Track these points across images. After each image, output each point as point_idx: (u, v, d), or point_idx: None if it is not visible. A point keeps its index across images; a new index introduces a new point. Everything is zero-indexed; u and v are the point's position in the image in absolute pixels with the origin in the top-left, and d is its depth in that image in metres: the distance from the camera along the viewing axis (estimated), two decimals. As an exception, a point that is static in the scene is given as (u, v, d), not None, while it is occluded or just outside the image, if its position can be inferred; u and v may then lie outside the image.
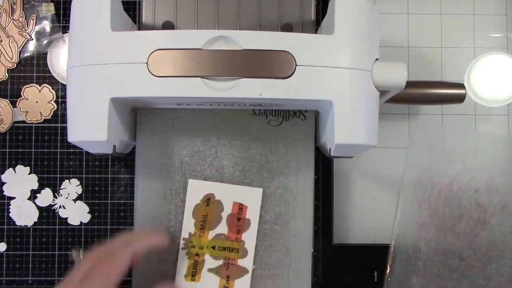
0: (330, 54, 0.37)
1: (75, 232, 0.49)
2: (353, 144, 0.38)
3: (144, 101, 0.41)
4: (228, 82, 0.37)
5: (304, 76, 0.36)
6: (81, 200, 0.49)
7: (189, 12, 0.46)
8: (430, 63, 0.52)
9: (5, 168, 0.49)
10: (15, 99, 0.50)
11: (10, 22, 0.50)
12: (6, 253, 0.49)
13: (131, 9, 0.50)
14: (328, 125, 0.40)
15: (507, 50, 0.52)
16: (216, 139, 0.47)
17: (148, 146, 0.47)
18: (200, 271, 0.44)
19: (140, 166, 0.47)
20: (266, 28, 0.47)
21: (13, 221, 0.49)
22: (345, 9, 0.38)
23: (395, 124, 0.51)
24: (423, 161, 0.43)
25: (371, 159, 0.51)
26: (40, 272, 0.49)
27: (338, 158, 0.50)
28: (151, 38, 0.36)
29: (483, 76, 0.51)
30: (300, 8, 0.47)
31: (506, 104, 0.52)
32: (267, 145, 0.47)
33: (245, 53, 0.36)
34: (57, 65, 0.50)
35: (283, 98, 0.37)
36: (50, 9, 0.50)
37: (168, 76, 0.36)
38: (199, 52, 0.36)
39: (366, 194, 0.51)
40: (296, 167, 0.47)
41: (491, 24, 0.52)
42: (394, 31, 0.52)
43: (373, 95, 0.38)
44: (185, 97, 0.37)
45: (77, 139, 0.38)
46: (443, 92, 0.45)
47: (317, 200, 0.49)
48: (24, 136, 0.49)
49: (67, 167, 0.50)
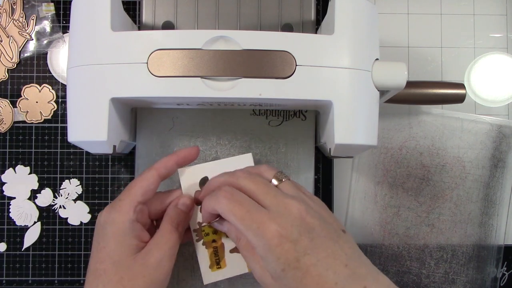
0: (330, 54, 0.37)
1: (75, 232, 0.49)
2: (353, 144, 0.38)
3: (144, 101, 0.41)
4: (228, 82, 0.37)
5: (304, 76, 0.36)
6: (81, 200, 0.49)
7: (189, 12, 0.46)
8: (430, 63, 0.52)
9: (5, 168, 0.49)
10: (15, 99, 0.50)
11: (10, 22, 0.50)
12: (6, 253, 0.49)
13: (131, 9, 0.50)
14: (328, 125, 0.40)
15: (507, 50, 0.52)
16: (216, 139, 0.47)
17: (148, 146, 0.47)
18: (223, 256, 0.42)
19: (140, 166, 0.47)
20: (266, 28, 0.47)
21: (13, 221, 0.49)
22: (345, 9, 0.38)
23: (395, 124, 0.51)
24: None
25: (371, 159, 0.51)
26: (40, 272, 0.49)
27: (338, 158, 0.50)
28: (151, 38, 0.36)
29: (483, 76, 0.51)
30: (300, 8, 0.47)
31: (506, 104, 0.52)
32: (267, 145, 0.47)
33: (245, 53, 0.36)
34: (57, 65, 0.50)
35: (283, 98, 0.37)
36: (50, 9, 0.50)
37: (168, 76, 0.36)
38: (199, 52, 0.36)
39: (366, 194, 0.51)
40: (296, 167, 0.47)
41: (491, 24, 0.52)
42: (394, 31, 0.52)
43: (373, 95, 0.38)
44: (185, 97, 0.37)
45: (77, 139, 0.38)
46: (443, 92, 0.45)
47: (317, 200, 0.49)
48: (24, 136, 0.49)
49: (67, 167, 0.50)
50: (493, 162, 0.51)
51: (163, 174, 0.39)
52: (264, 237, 0.33)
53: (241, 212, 0.34)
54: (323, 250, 0.33)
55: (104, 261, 0.36)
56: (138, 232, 0.37)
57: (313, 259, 0.32)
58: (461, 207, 0.50)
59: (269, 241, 0.33)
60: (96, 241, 0.37)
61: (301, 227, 0.33)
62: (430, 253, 0.50)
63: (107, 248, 0.36)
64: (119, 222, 0.36)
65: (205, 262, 0.42)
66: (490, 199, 0.51)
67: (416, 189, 0.51)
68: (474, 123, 0.51)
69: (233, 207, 0.34)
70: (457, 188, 0.51)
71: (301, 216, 0.34)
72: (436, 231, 0.50)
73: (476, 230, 0.50)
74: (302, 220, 0.34)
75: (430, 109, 0.51)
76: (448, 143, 0.51)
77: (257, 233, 0.33)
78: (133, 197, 0.37)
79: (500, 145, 0.51)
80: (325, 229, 0.34)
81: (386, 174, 0.51)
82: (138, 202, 0.37)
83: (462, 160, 0.51)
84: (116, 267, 0.36)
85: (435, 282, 0.50)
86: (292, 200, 0.34)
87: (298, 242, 0.32)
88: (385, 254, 0.50)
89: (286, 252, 0.32)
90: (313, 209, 0.35)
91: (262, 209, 0.34)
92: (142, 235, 0.38)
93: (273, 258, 0.33)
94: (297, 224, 0.33)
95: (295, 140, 0.47)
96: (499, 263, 0.50)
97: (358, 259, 0.34)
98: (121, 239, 0.36)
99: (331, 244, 0.33)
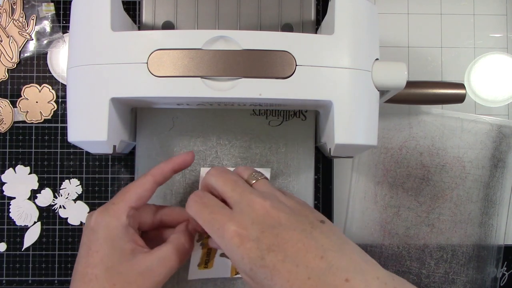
0: (330, 54, 0.37)
1: (75, 232, 0.49)
2: (353, 144, 0.38)
3: (144, 101, 0.41)
4: (228, 82, 0.37)
5: (304, 76, 0.36)
6: (81, 200, 0.49)
7: (189, 12, 0.46)
8: (430, 63, 0.52)
9: (5, 168, 0.49)
10: (15, 99, 0.50)
11: (10, 22, 0.50)
12: (6, 253, 0.49)
13: (131, 9, 0.50)
14: (328, 125, 0.40)
15: (507, 50, 0.52)
16: (216, 139, 0.47)
17: (148, 146, 0.47)
18: (213, 258, 0.44)
19: (140, 166, 0.47)
20: (266, 28, 0.47)
21: (13, 221, 0.49)
22: (345, 9, 0.38)
23: (395, 124, 0.51)
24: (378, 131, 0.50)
25: (371, 159, 0.51)
26: (40, 272, 0.49)
27: (338, 158, 0.50)
28: (151, 38, 0.36)
29: (483, 76, 0.51)
30: (300, 8, 0.47)
31: (506, 104, 0.52)
32: (267, 145, 0.47)
33: (245, 53, 0.36)
34: (57, 65, 0.50)
35: (283, 98, 0.37)
36: (50, 9, 0.50)
37: (168, 76, 0.36)
38: (199, 52, 0.36)
39: (366, 194, 0.51)
40: (296, 167, 0.47)
41: (491, 24, 0.52)
42: (394, 31, 0.52)
43: (373, 95, 0.38)
44: (185, 97, 0.37)
45: (77, 139, 0.38)
46: (443, 92, 0.45)
47: (317, 200, 0.49)
48: (24, 136, 0.49)
49: (67, 167, 0.50)
50: (493, 162, 0.51)
51: (160, 180, 0.39)
52: (225, 238, 0.32)
53: (205, 214, 0.34)
54: (292, 244, 0.31)
55: (96, 266, 0.35)
56: (132, 236, 0.36)
57: (279, 256, 0.30)
58: (461, 207, 0.50)
59: (230, 241, 0.32)
60: (86, 245, 0.36)
61: (263, 224, 0.32)
62: (430, 253, 0.50)
63: (100, 253, 0.35)
64: (112, 227, 0.35)
65: (195, 260, 0.43)
66: (490, 199, 0.51)
67: (416, 189, 0.50)
68: (474, 123, 0.51)
69: (199, 210, 0.34)
70: (457, 188, 0.51)
71: (265, 212, 0.32)
72: (436, 231, 0.50)
73: (476, 230, 0.50)
74: (266, 215, 0.32)
75: (430, 109, 0.51)
76: (448, 143, 0.51)
77: (219, 234, 0.32)
78: (127, 202, 0.37)
79: (500, 145, 0.51)
80: (295, 221, 0.32)
81: (386, 174, 0.51)
82: (132, 207, 0.37)
83: (462, 160, 0.51)
84: (110, 273, 0.34)
85: (435, 282, 0.50)
86: (257, 197, 0.33)
87: (260, 240, 0.31)
88: (385, 254, 0.50)
89: (248, 251, 0.31)
90: (282, 203, 0.34)
91: (225, 209, 0.34)
92: (137, 239, 0.37)
93: (238, 258, 0.32)
94: (259, 221, 0.32)
95: (295, 140, 0.47)
96: (499, 263, 0.50)
97: (339, 251, 0.31)
98: (115, 244, 0.35)
99: (303, 237, 0.31)
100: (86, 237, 0.36)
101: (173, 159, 0.40)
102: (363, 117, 0.38)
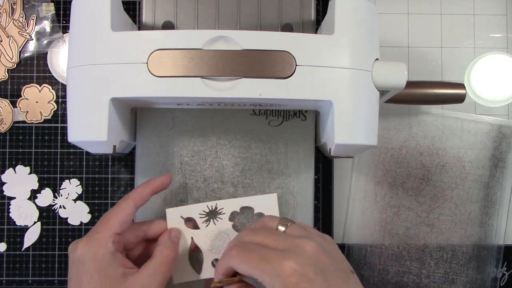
0: (330, 54, 0.37)
1: (75, 232, 0.49)
2: (353, 144, 0.38)
3: (144, 101, 0.41)
4: (228, 82, 0.37)
5: (304, 76, 0.36)
6: (81, 200, 0.49)
7: (189, 12, 0.46)
8: (430, 63, 0.52)
9: (5, 168, 0.49)
10: (15, 99, 0.50)
11: (10, 22, 0.50)
12: (6, 253, 0.49)
13: (131, 9, 0.50)
14: (328, 125, 0.40)
15: (507, 50, 0.52)
16: (216, 139, 0.47)
17: (148, 146, 0.47)
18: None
19: (140, 166, 0.47)
20: (266, 28, 0.47)
21: (13, 221, 0.49)
22: (345, 9, 0.38)
23: (395, 124, 0.51)
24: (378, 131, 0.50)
25: (371, 159, 0.51)
26: (40, 272, 0.49)
27: (338, 158, 0.50)
28: (151, 38, 0.36)
29: (483, 76, 0.51)
30: (300, 8, 0.47)
31: (506, 104, 0.52)
32: (267, 145, 0.47)
33: (245, 53, 0.36)
34: (57, 65, 0.50)
35: (283, 98, 0.37)
36: (50, 9, 0.50)
37: (168, 76, 0.36)
38: (199, 52, 0.36)
39: (366, 194, 0.51)
40: (296, 167, 0.47)
41: (491, 24, 0.52)
42: (394, 31, 0.52)
43: (373, 95, 0.38)
44: (185, 97, 0.37)
45: (77, 139, 0.38)
46: (443, 92, 0.45)
47: (317, 200, 0.49)
48: (24, 136, 0.49)
49: (67, 167, 0.50)
50: (493, 162, 0.51)
51: (139, 204, 0.39)
52: (281, 275, 0.31)
53: (254, 258, 0.33)
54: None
55: None
56: (121, 261, 0.37)
57: None
58: (461, 207, 0.50)
59: (286, 279, 0.31)
60: (76, 277, 0.36)
61: (315, 266, 0.32)
62: (430, 253, 0.50)
63: (92, 283, 0.35)
64: (100, 256, 0.36)
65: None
66: (490, 199, 0.51)
67: (416, 189, 0.50)
68: (474, 123, 0.51)
69: (245, 256, 0.34)
70: (457, 188, 0.51)
71: (316, 255, 0.33)
72: (436, 231, 0.50)
73: (476, 230, 0.50)
74: (317, 258, 0.33)
75: (430, 109, 0.51)
76: (448, 143, 0.51)
77: (273, 272, 0.32)
78: (111, 229, 0.37)
79: (500, 145, 0.51)
80: (337, 269, 0.33)
81: (386, 174, 0.51)
82: (116, 233, 0.37)
83: (462, 160, 0.51)
84: None
85: (435, 282, 0.50)
86: (305, 240, 0.34)
87: (314, 282, 0.31)
88: (385, 254, 0.50)
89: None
90: (325, 248, 0.34)
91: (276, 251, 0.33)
92: (125, 262, 0.37)
93: None
94: (312, 263, 0.32)
95: (295, 140, 0.47)
96: (499, 263, 0.50)
97: None
98: (107, 272, 0.35)
99: (343, 283, 0.32)
100: (75, 269, 0.36)
101: (151, 182, 0.40)
102: (363, 117, 0.38)
